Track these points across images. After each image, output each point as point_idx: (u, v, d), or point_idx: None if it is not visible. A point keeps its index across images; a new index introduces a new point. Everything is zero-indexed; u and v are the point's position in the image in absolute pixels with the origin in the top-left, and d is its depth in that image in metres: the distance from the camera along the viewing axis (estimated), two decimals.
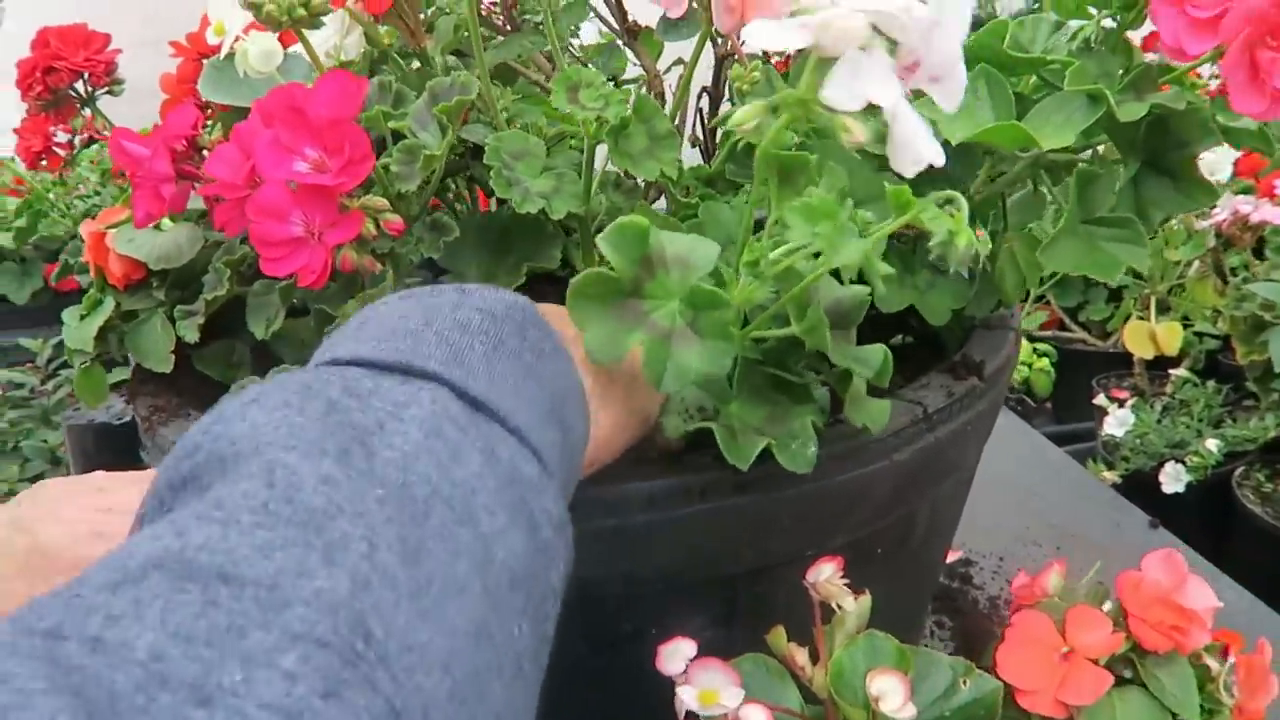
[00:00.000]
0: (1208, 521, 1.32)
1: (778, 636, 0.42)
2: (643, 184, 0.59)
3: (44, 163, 0.78)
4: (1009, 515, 0.98)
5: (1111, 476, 1.40)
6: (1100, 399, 1.54)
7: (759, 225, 0.57)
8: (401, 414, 0.29)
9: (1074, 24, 0.58)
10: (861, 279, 0.39)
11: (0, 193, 1.82)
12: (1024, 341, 1.79)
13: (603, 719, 0.48)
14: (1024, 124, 0.49)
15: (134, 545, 0.23)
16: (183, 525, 0.24)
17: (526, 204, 0.50)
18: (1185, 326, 1.53)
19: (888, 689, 0.38)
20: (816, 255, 0.39)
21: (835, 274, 0.42)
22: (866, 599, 0.43)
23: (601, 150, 0.53)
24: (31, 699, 0.18)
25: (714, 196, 0.59)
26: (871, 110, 0.36)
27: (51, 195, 0.77)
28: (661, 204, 0.62)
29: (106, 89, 0.66)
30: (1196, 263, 1.51)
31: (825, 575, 0.41)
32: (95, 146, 0.76)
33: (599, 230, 0.60)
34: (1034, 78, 0.59)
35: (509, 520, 0.29)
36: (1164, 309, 1.65)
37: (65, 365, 1.75)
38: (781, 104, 0.38)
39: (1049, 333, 1.86)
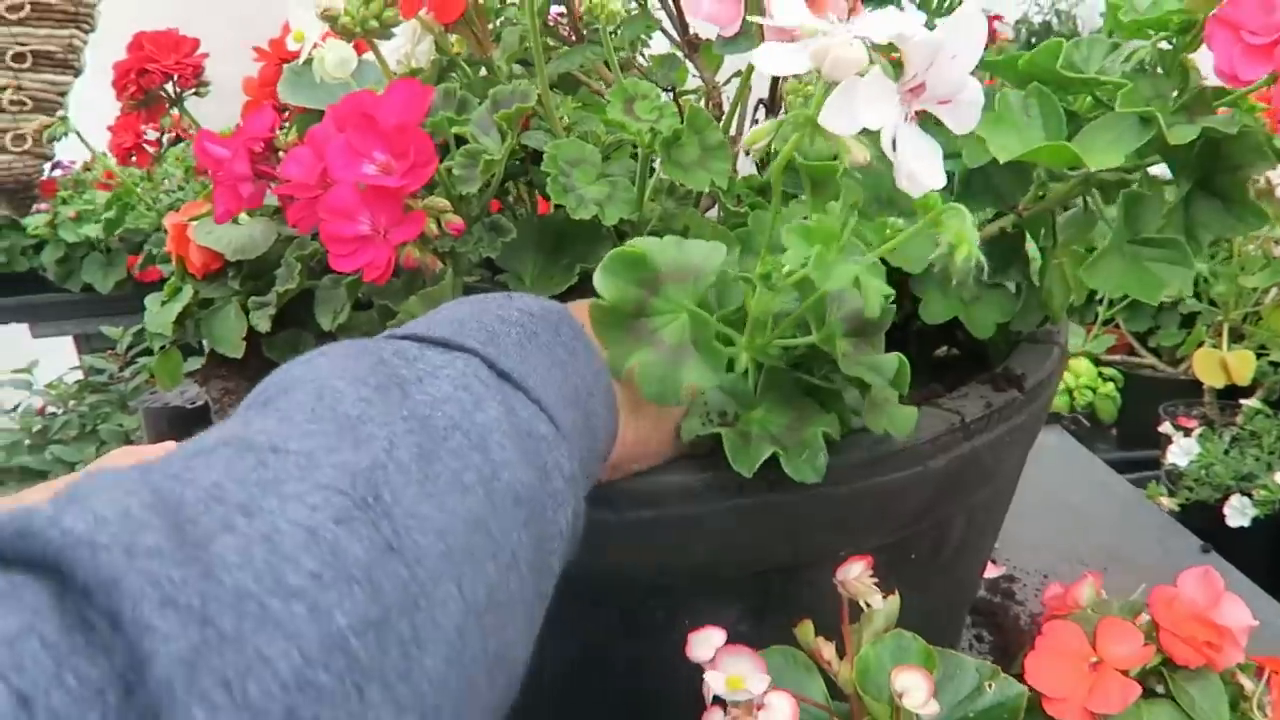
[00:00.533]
0: (1275, 558, 1.29)
1: (805, 630, 0.43)
2: (695, 192, 0.61)
3: (133, 159, 0.83)
4: (1058, 535, 0.97)
5: (1170, 504, 1.37)
6: (1166, 426, 1.51)
7: None
8: (437, 373, 0.34)
9: (1132, 45, 0.59)
10: (894, 285, 0.41)
11: (91, 186, 1.91)
12: (1090, 365, 1.77)
13: (635, 704, 0.50)
14: (1073, 144, 0.50)
15: (209, 431, 0.30)
16: (248, 420, 0.30)
17: (581, 210, 0.52)
18: (1259, 356, 1.49)
19: (912, 685, 0.39)
20: None
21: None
22: (895, 599, 0.44)
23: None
24: (121, 487, 0.24)
25: (764, 205, 0.61)
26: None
27: (139, 190, 0.82)
28: (714, 212, 0.64)
29: (194, 90, 0.70)
30: (1274, 290, 1.47)
31: (855, 573, 0.42)
32: (181, 145, 0.81)
33: (653, 234, 0.62)
34: (1089, 98, 0.60)
35: (519, 457, 0.33)
36: (1237, 337, 1.60)
37: (143, 353, 1.82)
38: (792, 124, 0.39)
39: (1117, 357, 1.83)
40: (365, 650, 0.25)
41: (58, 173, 1.98)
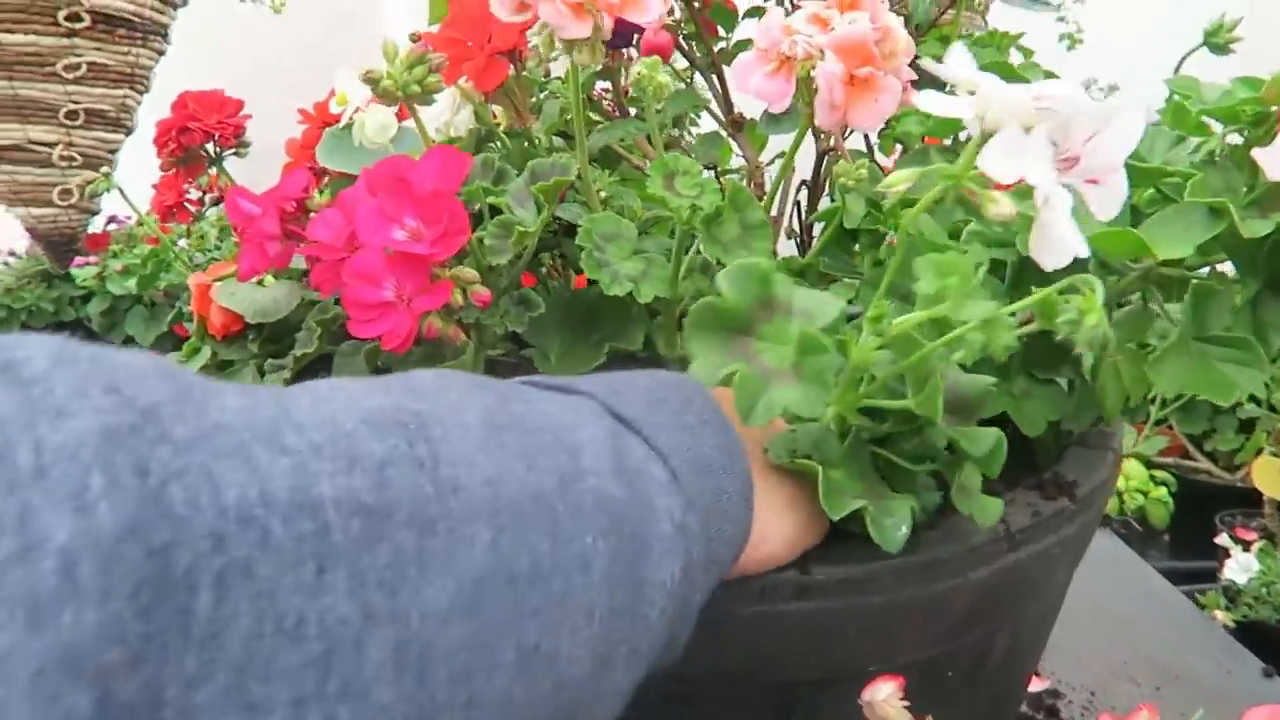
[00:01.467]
0: None
1: None
2: None
3: (174, 216, 0.83)
4: (1106, 647, 0.91)
5: (1226, 618, 1.30)
6: (1223, 538, 1.44)
7: (851, 320, 0.56)
8: (547, 399, 0.32)
9: (1194, 140, 0.57)
10: (982, 367, 0.38)
11: (142, 241, 1.95)
12: (1142, 467, 1.70)
13: None
14: (1139, 231, 0.47)
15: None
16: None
17: (615, 286, 0.51)
18: None
19: None
20: (942, 323, 0.38)
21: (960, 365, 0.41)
22: None
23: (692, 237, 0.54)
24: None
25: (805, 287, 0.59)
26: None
27: (175, 247, 0.82)
28: None
29: (234, 150, 0.70)
30: None
31: (883, 695, 0.39)
32: (221, 205, 0.81)
33: (684, 315, 0.60)
34: (1149, 191, 0.57)
35: (614, 473, 0.30)
36: None
37: None
38: (936, 175, 0.38)
39: (1170, 460, 1.76)
40: (343, 531, 0.22)
41: (112, 226, 2.03)
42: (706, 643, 0.41)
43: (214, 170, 0.70)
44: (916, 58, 0.51)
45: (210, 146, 0.69)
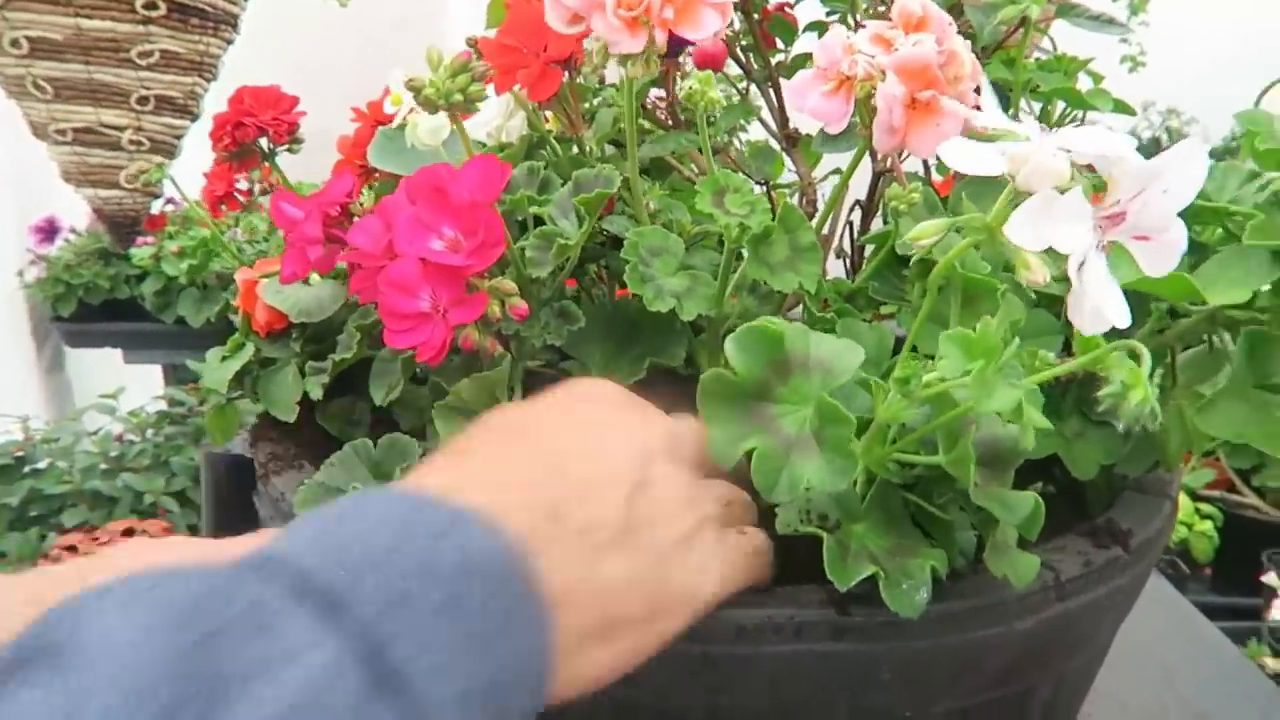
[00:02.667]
0: None
1: None
2: (781, 292, 0.58)
3: (224, 207, 0.84)
4: (1145, 691, 0.88)
5: (1274, 665, 1.26)
6: (1270, 577, 1.40)
7: (899, 344, 0.54)
8: (283, 669, 0.24)
9: (1268, 177, 0.54)
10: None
11: (198, 224, 1.98)
12: (1187, 501, 1.65)
13: None
14: (1194, 276, 0.45)
15: None
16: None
17: (658, 302, 0.50)
18: None
19: None
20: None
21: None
22: None
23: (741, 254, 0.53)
24: None
25: (852, 312, 0.57)
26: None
27: (225, 237, 0.83)
28: (798, 312, 0.60)
29: (287, 146, 0.70)
30: None
31: None
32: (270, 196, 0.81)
33: (729, 333, 0.59)
34: (1219, 229, 0.55)
35: None
36: None
37: None
38: (967, 227, 0.36)
39: (1216, 493, 1.71)
40: None
41: (169, 208, 2.06)
42: (736, 682, 0.40)
43: (266, 164, 0.70)
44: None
45: (264, 141, 0.69)
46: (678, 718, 0.41)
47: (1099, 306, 0.33)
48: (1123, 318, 0.33)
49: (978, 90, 0.48)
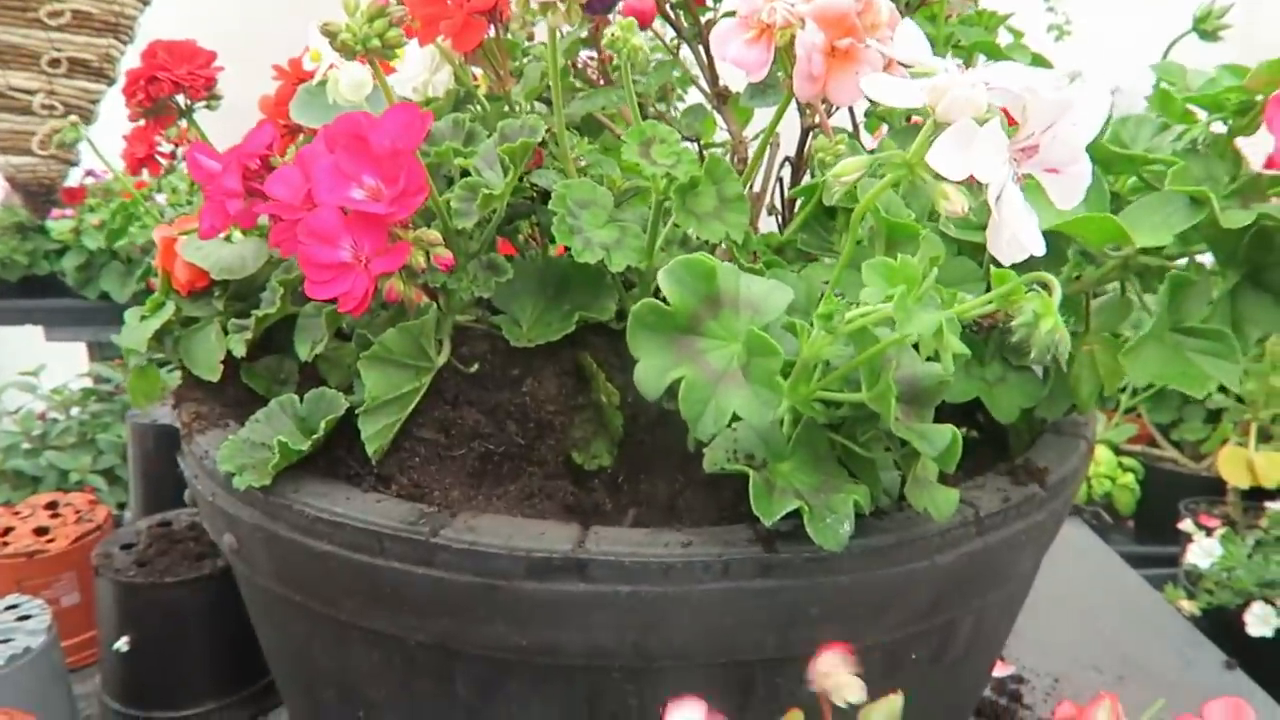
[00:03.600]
0: None
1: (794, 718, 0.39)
2: (710, 245, 0.58)
3: (145, 170, 0.81)
4: (1070, 634, 0.92)
5: (1190, 608, 1.31)
6: (1187, 524, 1.45)
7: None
8: None
9: (1178, 128, 0.56)
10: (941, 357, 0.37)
11: (119, 195, 1.92)
12: (1110, 455, 1.71)
13: None
14: (1118, 218, 0.47)
15: None
16: None
17: (586, 253, 0.49)
18: None
19: None
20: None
21: (917, 349, 0.40)
22: (897, 698, 0.39)
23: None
24: None
25: (781, 264, 0.58)
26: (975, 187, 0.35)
27: (152, 201, 0.80)
28: None
29: (205, 103, 0.68)
30: None
31: (829, 665, 0.38)
32: None
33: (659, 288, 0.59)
34: (1131, 179, 0.56)
35: None
36: (1265, 437, 1.55)
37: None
38: (887, 164, 0.37)
39: (1138, 448, 1.77)
40: None
41: (89, 180, 1.99)
42: (661, 618, 0.40)
43: (184, 123, 0.68)
44: None
45: (180, 98, 0.67)
46: (607, 657, 0.41)
47: (1016, 235, 0.33)
48: (1038, 246, 0.34)
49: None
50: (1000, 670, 0.82)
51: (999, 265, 0.45)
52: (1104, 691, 0.52)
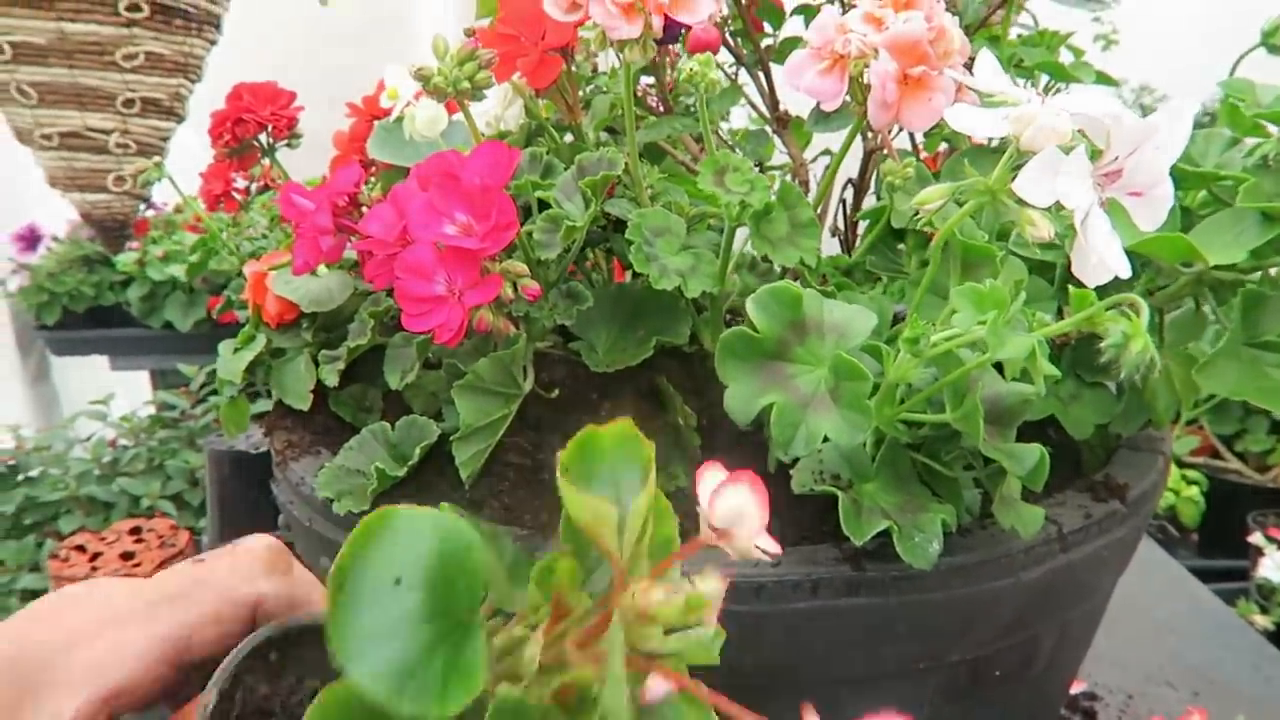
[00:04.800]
0: None
1: None
2: (779, 269, 0.59)
3: (221, 205, 0.84)
4: (1142, 651, 0.91)
5: (1265, 622, 1.29)
6: (1256, 537, 1.43)
7: (897, 319, 0.56)
8: None
9: (1250, 142, 0.56)
10: (1026, 377, 0.38)
11: (181, 228, 1.97)
12: (1173, 468, 1.69)
13: None
14: (1190, 237, 0.47)
15: None
16: None
17: (663, 280, 0.51)
18: None
19: None
20: (981, 343, 0.38)
21: (999, 368, 0.41)
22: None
23: (739, 233, 0.54)
24: None
25: (851, 286, 0.59)
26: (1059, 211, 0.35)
27: (224, 235, 0.83)
28: None
29: (286, 141, 0.71)
30: None
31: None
32: (268, 193, 0.82)
33: (730, 311, 0.60)
34: (1201, 194, 0.57)
35: None
36: None
37: (214, 392, 1.86)
38: (970, 191, 0.38)
39: (1200, 460, 1.75)
40: None
41: (150, 213, 2.05)
42: (757, 640, 0.41)
43: (266, 161, 0.71)
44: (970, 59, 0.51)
45: (263, 138, 0.70)
46: (699, 676, 0.42)
47: (1103, 258, 0.34)
48: (1124, 268, 0.35)
49: (970, 64, 0.50)
50: (1074, 688, 0.81)
51: (1074, 284, 0.46)
52: (1191, 707, 0.52)
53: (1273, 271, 0.54)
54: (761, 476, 0.52)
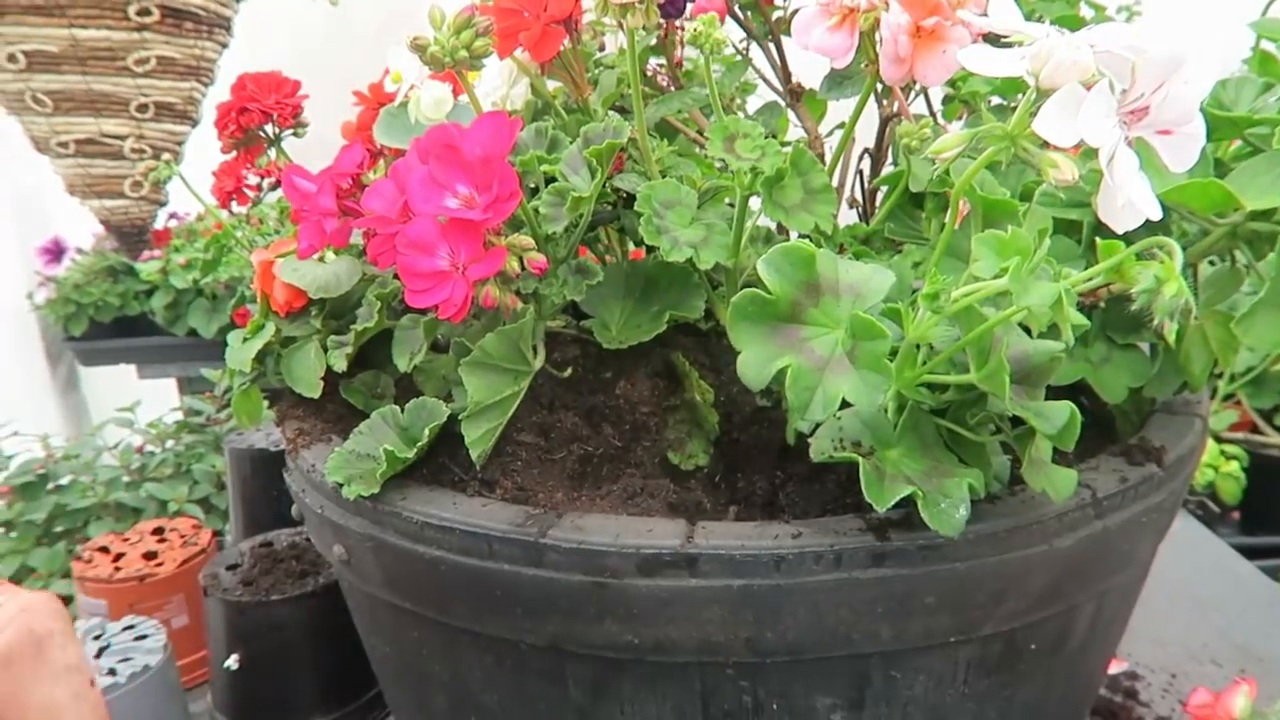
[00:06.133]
0: None
1: None
2: (795, 238, 0.58)
3: (234, 202, 0.84)
4: (1184, 629, 0.88)
5: None
6: None
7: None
8: None
9: None
10: (1053, 333, 0.36)
11: (203, 235, 1.98)
12: (1212, 443, 1.65)
13: None
14: (1224, 183, 0.45)
15: None
16: None
17: (674, 253, 0.49)
18: None
19: None
20: (1004, 295, 0.36)
21: (1024, 328, 0.39)
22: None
23: (753, 205, 0.52)
24: None
25: (870, 254, 0.57)
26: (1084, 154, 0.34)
27: (238, 233, 0.83)
28: None
29: (292, 130, 0.70)
30: None
31: None
32: (280, 190, 0.81)
33: (747, 285, 0.58)
34: (1235, 144, 0.54)
35: None
36: None
37: None
38: (987, 137, 0.36)
39: (1240, 435, 1.70)
40: None
41: (173, 222, 2.07)
42: (780, 611, 0.40)
43: (273, 152, 0.70)
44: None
45: (269, 128, 0.69)
46: (720, 652, 0.41)
47: (1131, 199, 0.32)
48: (1154, 209, 0.33)
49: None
50: (1115, 667, 0.79)
51: (1104, 237, 0.44)
52: (1237, 679, 0.50)
53: None
54: (779, 451, 0.51)
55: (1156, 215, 0.33)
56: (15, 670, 0.34)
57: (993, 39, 0.51)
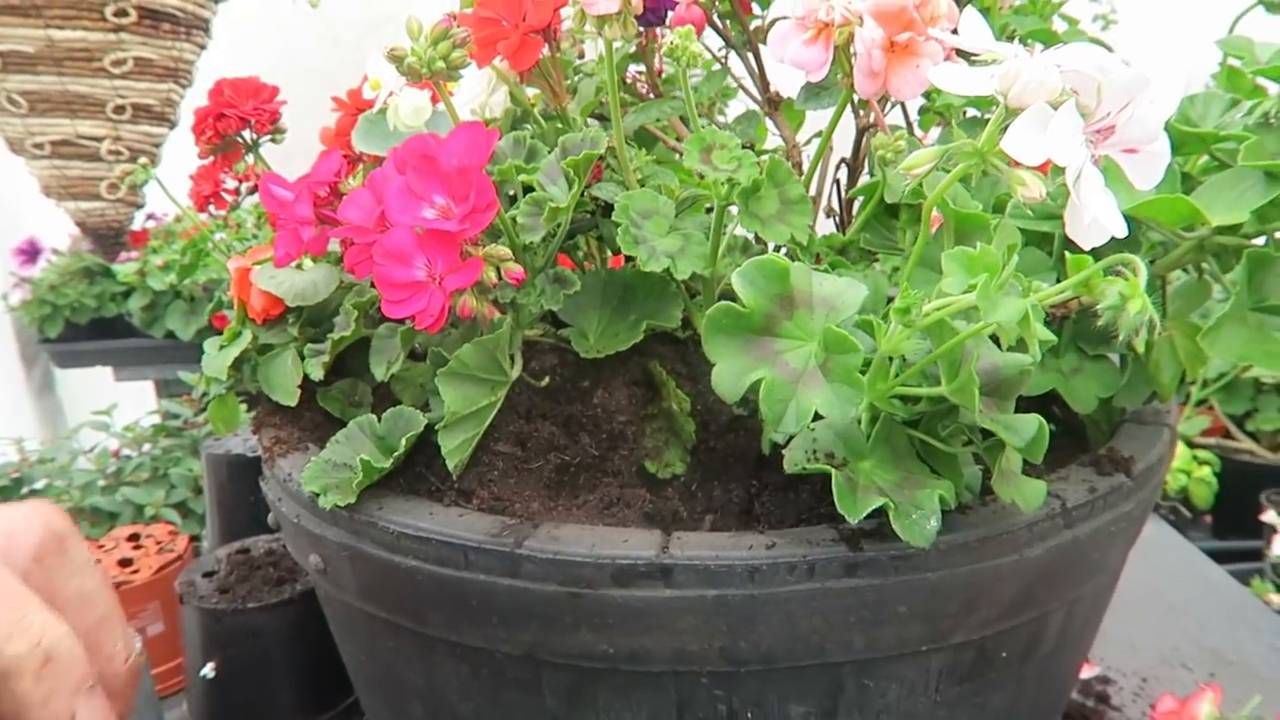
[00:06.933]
0: None
1: None
2: (772, 249, 0.58)
3: (211, 206, 0.83)
4: (1155, 633, 0.89)
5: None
6: (1270, 516, 1.41)
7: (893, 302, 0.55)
8: None
9: (1248, 103, 0.55)
10: (1022, 346, 0.37)
11: (181, 237, 1.97)
12: (1184, 449, 1.67)
13: None
14: (1192, 198, 0.46)
15: None
16: None
17: (651, 262, 0.50)
18: None
19: None
20: (975, 310, 0.36)
21: (995, 340, 0.40)
22: None
23: (732, 212, 0.53)
24: None
25: (845, 264, 0.57)
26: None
27: (214, 238, 0.83)
28: None
29: (270, 136, 0.70)
30: None
31: None
32: (257, 194, 0.81)
33: (724, 294, 0.59)
34: (1202, 161, 0.55)
35: None
36: None
37: None
38: (958, 154, 0.36)
39: (1212, 440, 1.73)
40: None
41: (151, 223, 2.05)
42: (753, 620, 0.40)
43: (250, 158, 0.70)
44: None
45: (247, 133, 0.69)
46: (695, 662, 0.41)
47: (1097, 217, 0.33)
48: (1120, 227, 0.34)
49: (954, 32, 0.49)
50: (1086, 672, 0.80)
51: (1074, 250, 0.44)
52: (1203, 684, 0.51)
53: (1278, 234, 0.52)
54: (755, 461, 0.51)
55: (1122, 233, 0.34)
56: (47, 564, 0.35)
57: (965, 55, 0.52)
